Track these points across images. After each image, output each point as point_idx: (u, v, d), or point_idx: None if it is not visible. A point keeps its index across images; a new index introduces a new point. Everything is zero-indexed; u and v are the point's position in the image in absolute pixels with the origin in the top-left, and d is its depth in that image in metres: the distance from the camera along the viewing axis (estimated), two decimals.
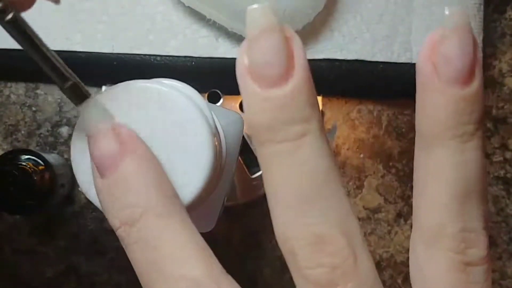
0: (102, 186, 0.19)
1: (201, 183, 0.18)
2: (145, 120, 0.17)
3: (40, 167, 0.39)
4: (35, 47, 0.14)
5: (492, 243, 0.46)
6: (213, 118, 0.18)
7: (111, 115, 0.19)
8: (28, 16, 0.14)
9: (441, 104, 0.16)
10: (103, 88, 0.41)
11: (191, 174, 0.18)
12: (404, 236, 0.45)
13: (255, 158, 0.28)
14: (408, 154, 0.46)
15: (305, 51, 0.16)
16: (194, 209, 0.19)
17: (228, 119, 0.22)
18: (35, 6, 0.17)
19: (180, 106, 0.17)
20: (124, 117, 0.17)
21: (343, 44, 0.40)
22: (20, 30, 0.14)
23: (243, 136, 0.25)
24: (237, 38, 0.39)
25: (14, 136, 0.44)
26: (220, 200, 0.22)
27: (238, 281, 0.18)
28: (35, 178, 0.38)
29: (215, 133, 0.18)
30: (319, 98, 0.44)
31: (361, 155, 0.45)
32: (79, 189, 0.20)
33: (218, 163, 0.18)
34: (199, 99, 0.18)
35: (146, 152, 0.19)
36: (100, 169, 0.18)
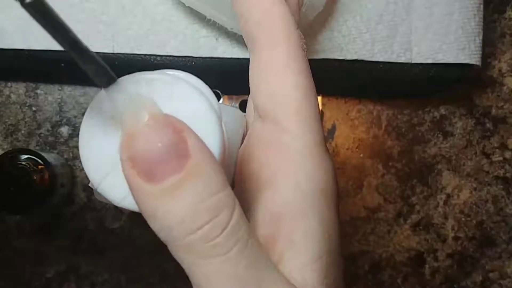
0: (157, 194, 0.15)
1: None
2: None
3: (40, 167, 0.39)
4: (59, 30, 0.13)
5: (491, 242, 0.46)
6: (218, 106, 0.18)
7: (152, 101, 0.16)
8: (28, 17, 0.14)
9: None
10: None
11: None
12: (404, 236, 0.45)
13: None
14: (407, 154, 0.46)
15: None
16: None
17: (230, 116, 0.22)
18: None
19: (186, 95, 0.17)
20: None
21: (342, 44, 0.40)
22: (41, 12, 0.13)
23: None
24: (237, 38, 0.39)
25: (14, 136, 0.44)
26: None
27: None
28: (35, 177, 0.38)
29: (221, 119, 0.17)
30: (319, 98, 0.44)
31: (361, 155, 0.45)
32: (86, 178, 0.18)
33: (224, 150, 0.18)
34: (204, 88, 0.18)
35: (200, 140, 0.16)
36: (153, 171, 0.15)
